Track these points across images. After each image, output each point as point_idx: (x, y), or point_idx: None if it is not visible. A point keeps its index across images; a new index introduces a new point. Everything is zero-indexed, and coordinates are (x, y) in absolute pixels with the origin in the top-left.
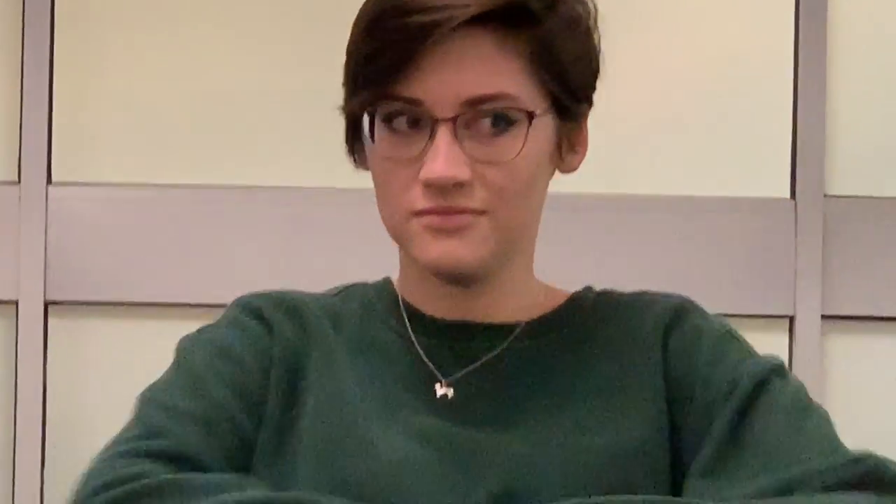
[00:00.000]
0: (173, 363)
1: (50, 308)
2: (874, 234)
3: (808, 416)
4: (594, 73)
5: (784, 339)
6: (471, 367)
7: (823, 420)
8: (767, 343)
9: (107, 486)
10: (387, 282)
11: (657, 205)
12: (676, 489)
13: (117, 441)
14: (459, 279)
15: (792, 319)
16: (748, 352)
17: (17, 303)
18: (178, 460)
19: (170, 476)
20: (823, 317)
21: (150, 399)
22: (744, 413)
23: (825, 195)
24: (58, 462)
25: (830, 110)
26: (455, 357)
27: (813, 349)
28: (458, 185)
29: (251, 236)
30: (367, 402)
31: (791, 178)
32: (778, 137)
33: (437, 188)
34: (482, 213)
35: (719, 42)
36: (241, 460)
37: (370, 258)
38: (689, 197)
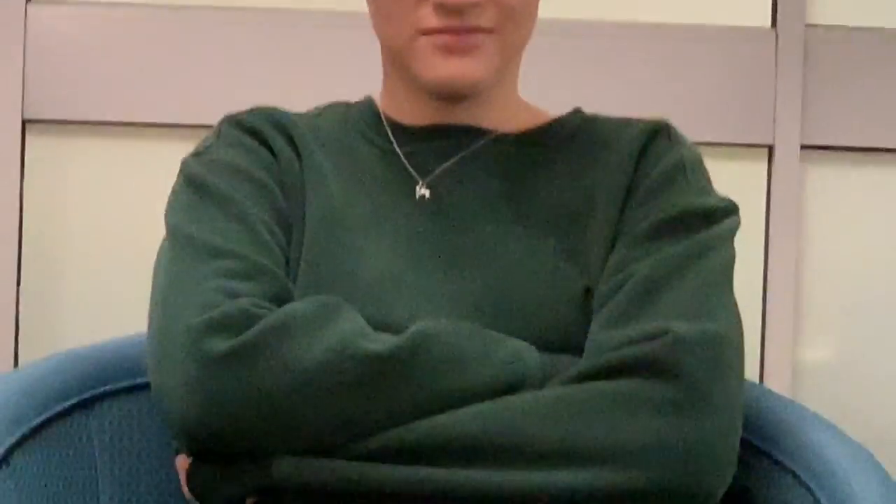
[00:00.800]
0: (194, 188)
1: (27, 126)
2: (855, 64)
3: (676, 278)
4: None
5: (763, 168)
6: (446, 164)
7: (692, 281)
8: (746, 172)
9: (228, 321)
10: (368, 99)
11: (637, 33)
12: None
13: (192, 267)
14: (462, 97)
15: (771, 149)
16: (693, 190)
17: None
18: (263, 277)
19: (280, 316)
20: (802, 146)
21: (192, 229)
22: (636, 258)
23: (806, 24)
24: (33, 280)
25: None
26: (434, 157)
27: (791, 179)
28: (473, 6)
29: (231, 57)
30: (355, 217)
31: (772, 6)
32: None
33: (451, 8)
34: (491, 31)
35: None
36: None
37: (352, 80)
38: (669, 24)
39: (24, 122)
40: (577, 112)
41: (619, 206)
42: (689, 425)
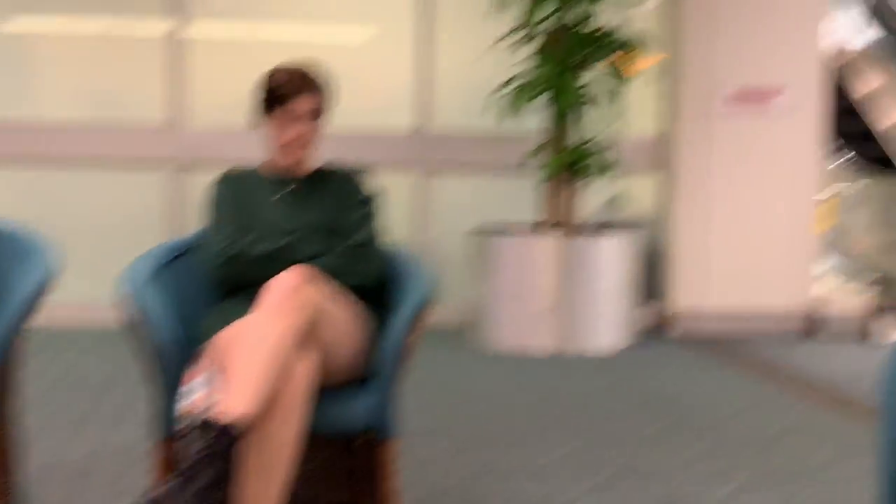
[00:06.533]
0: (209, 202)
1: None
2: None
3: (370, 222)
4: None
5: None
6: (285, 190)
7: (373, 226)
8: None
9: (220, 251)
10: (262, 161)
11: None
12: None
13: (211, 240)
14: (295, 164)
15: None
16: (366, 188)
17: None
18: (227, 236)
19: (234, 247)
20: None
21: (210, 227)
22: (350, 216)
23: None
24: None
25: None
26: (283, 187)
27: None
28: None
29: None
30: (256, 204)
31: None
32: None
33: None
34: (306, 144)
35: None
36: None
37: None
38: None
39: None
40: (328, 160)
41: (347, 196)
42: (371, 264)
